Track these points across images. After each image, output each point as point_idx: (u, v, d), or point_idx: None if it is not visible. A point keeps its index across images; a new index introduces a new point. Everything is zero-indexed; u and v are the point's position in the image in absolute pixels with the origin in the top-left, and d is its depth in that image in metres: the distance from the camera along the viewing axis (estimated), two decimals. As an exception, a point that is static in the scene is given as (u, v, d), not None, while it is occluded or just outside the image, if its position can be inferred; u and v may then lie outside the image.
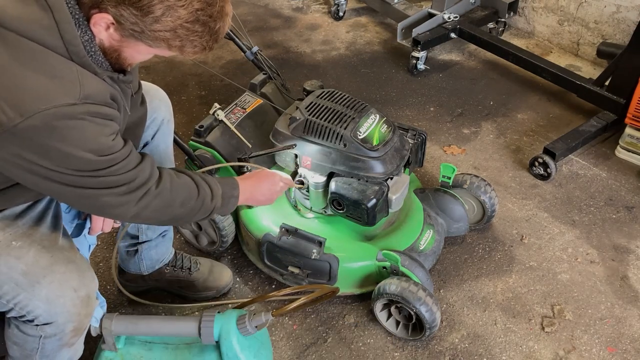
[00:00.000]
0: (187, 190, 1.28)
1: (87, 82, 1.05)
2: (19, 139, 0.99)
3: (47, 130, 0.99)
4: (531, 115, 2.68)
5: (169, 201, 1.23)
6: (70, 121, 1.01)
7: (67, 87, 1.01)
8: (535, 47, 3.22)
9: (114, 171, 1.11)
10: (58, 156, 1.03)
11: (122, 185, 1.13)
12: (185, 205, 1.27)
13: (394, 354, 1.68)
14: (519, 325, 1.75)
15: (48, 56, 1.01)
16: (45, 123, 0.98)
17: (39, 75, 1.00)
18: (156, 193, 1.20)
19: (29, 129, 0.98)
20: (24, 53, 1.00)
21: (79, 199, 1.13)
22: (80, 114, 1.02)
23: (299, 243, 1.70)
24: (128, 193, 1.15)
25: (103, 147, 1.08)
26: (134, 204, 1.17)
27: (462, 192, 1.96)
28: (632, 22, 2.76)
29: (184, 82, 2.96)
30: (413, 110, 2.73)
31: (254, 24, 3.56)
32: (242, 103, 1.95)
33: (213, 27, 1.07)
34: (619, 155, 2.38)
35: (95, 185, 1.10)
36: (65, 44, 1.02)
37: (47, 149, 1.01)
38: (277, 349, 1.69)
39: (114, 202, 1.15)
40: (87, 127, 1.04)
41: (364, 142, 1.61)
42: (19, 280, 1.17)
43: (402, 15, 3.10)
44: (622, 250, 2.00)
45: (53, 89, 1.00)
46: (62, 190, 1.09)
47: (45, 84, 1.00)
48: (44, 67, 1.00)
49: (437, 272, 1.91)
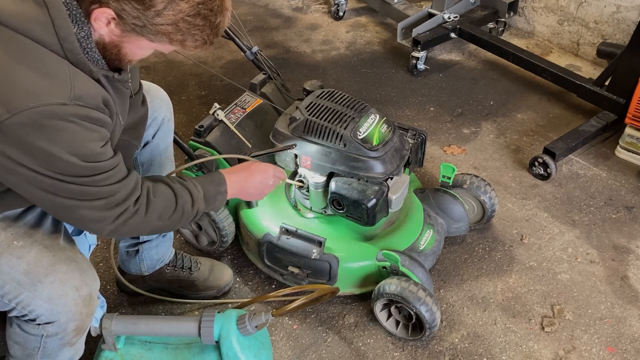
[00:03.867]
0: (165, 202, 1.24)
1: (80, 83, 1.04)
2: (5, 136, 0.98)
3: (34, 128, 0.98)
4: (531, 115, 2.68)
5: (146, 217, 1.20)
6: (59, 122, 1.00)
7: (58, 86, 1.01)
8: (535, 47, 3.22)
9: (96, 181, 1.09)
10: (42, 156, 1.01)
11: (101, 198, 1.11)
12: (164, 218, 1.24)
13: (394, 354, 1.68)
14: (519, 325, 1.75)
15: (42, 53, 1.00)
16: (33, 121, 0.97)
17: (30, 72, 0.99)
18: (134, 211, 1.17)
19: (16, 126, 0.97)
20: (18, 49, 0.99)
21: (56, 209, 1.12)
22: (69, 115, 1.01)
23: (299, 243, 1.70)
24: (107, 209, 1.13)
25: (90, 153, 1.06)
26: (111, 222, 1.15)
27: (462, 192, 1.96)
28: (632, 22, 2.76)
29: (184, 82, 2.96)
30: (413, 110, 2.73)
31: (254, 24, 3.56)
32: (242, 103, 1.95)
33: (214, 21, 1.07)
34: (619, 155, 2.38)
35: (74, 195, 1.08)
36: (60, 41, 1.01)
37: (32, 147, 1.00)
38: (277, 349, 1.69)
39: (91, 216, 1.13)
40: (75, 130, 1.02)
41: (363, 142, 1.61)
42: (20, 279, 1.16)
43: (402, 15, 3.10)
44: (622, 250, 2.00)
45: (44, 87, 0.99)
46: (41, 197, 1.08)
47: (36, 82, 0.99)
48: (37, 65, 1.00)
49: (437, 272, 1.91)
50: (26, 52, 0.99)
